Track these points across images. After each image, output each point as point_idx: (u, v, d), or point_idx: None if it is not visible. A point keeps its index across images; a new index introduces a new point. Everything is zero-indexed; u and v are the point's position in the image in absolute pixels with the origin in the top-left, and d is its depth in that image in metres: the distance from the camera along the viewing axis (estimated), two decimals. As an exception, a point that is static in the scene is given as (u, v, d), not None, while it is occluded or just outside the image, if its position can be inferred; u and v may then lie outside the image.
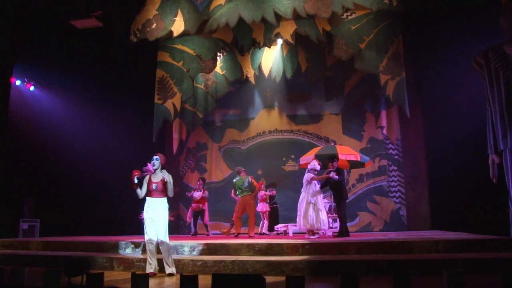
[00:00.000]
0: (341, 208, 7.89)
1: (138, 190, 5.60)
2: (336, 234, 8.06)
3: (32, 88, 10.86)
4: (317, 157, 8.84)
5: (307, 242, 6.37)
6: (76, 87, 10.86)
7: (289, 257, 5.99)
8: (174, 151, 12.69)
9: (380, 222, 11.54)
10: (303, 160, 9.62)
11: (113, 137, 11.29)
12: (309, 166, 8.17)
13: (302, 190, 7.93)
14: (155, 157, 5.60)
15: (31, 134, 10.25)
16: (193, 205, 10.13)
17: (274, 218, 10.47)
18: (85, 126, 11.07)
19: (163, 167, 5.66)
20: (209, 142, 13.35)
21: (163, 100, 11.57)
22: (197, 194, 10.06)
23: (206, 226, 10.38)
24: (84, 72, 10.77)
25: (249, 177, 9.17)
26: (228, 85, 12.09)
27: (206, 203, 10.29)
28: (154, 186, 5.50)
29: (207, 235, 10.25)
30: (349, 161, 9.36)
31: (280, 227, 10.00)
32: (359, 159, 9.31)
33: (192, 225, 10.29)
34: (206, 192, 10.32)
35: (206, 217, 10.36)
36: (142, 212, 5.46)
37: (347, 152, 9.53)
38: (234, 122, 13.28)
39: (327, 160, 8.49)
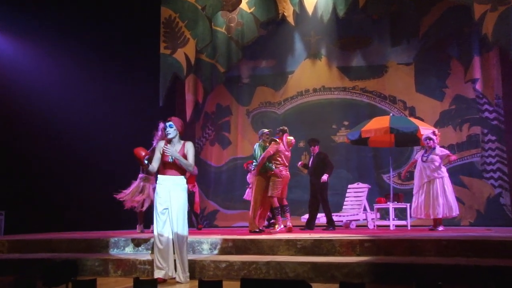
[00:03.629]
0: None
1: (151, 166, 5.61)
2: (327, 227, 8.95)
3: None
4: (392, 131, 9.17)
5: (367, 239, 6.33)
6: (53, 33, 10.72)
7: (342, 257, 5.98)
8: (188, 117, 12.72)
9: (470, 213, 11.29)
10: (366, 132, 9.59)
11: (105, 100, 11.32)
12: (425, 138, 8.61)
13: (430, 173, 8.30)
14: (168, 123, 5.58)
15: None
16: None
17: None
18: (67, 86, 11.02)
19: (181, 136, 5.65)
20: (234, 105, 13.35)
21: (171, 50, 11.54)
22: None
23: (196, 216, 10.24)
24: (64, 13, 10.69)
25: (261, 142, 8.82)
26: (259, 28, 11.93)
27: (196, 184, 10.14)
28: (170, 159, 5.46)
29: (199, 228, 10.19)
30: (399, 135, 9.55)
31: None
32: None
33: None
34: (196, 169, 10.12)
35: (197, 204, 10.19)
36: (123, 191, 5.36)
37: (427, 126, 9.68)
38: (266, 78, 13.19)
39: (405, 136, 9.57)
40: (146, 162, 5.56)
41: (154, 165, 5.60)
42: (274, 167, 8.41)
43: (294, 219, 9.08)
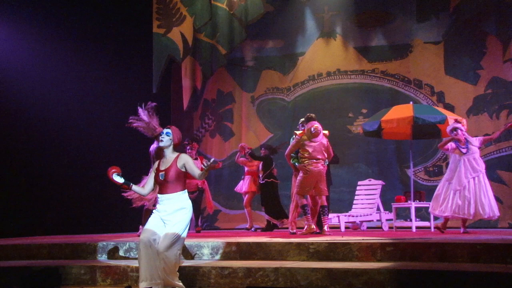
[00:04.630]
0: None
1: (136, 188, 5.62)
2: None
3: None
4: (417, 121, 9.16)
5: (389, 242, 6.33)
6: (29, 10, 10.72)
7: (361, 263, 5.96)
8: (185, 106, 12.72)
9: (510, 213, 11.25)
10: (387, 123, 9.54)
11: (90, 87, 11.34)
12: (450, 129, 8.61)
13: (476, 166, 8.34)
14: (165, 130, 5.56)
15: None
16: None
17: (270, 201, 10.31)
18: (47, 70, 11.01)
19: (176, 148, 5.60)
20: (237, 91, 13.36)
21: (166, 29, 11.52)
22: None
23: (195, 218, 10.26)
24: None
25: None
26: (265, 3, 11.96)
27: (206, 181, 10.21)
28: (161, 175, 5.46)
29: (198, 231, 10.23)
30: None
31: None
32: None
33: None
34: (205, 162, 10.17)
35: (210, 202, 10.28)
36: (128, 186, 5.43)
37: (453, 115, 9.62)
38: (273, 60, 13.19)
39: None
40: (118, 180, 5.47)
41: (147, 188, 5.61)
42: (297, 162, 8.50)
43: (301, 221, 9.10)
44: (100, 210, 10.55)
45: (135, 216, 8.93)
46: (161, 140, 5.51)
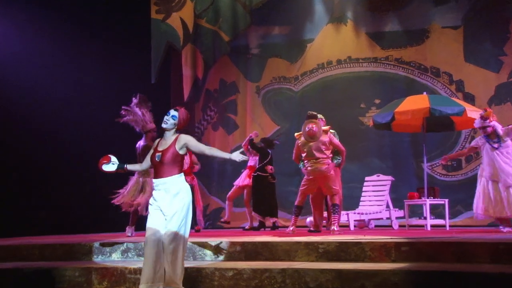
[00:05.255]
0: None
1: (131, 167, 5.87)
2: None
3: None
4: (434, 113, 9.16)
5: (404, 241, 6.30)
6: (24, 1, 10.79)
7: (374, 264, 5.96)
8: (186, 96, 12.75)
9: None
10: (401, 114, 9.51)
11: (86, 79, 11.36)
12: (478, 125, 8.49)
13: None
14: (172, 112, 5.59)
15: None
16: None
17: (258, 196, 10.33)
18: (40, 63, 11.05)
19: (179, 130, 5.66)
20: (241, 81, 13.38)
21: (165, 14, 11.54)
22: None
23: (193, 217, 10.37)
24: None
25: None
26: (271, -13, 12.02)
27: (195, 177, 10.25)
28: (157, 156, 5.48)
29: (198, 230, 10.24)
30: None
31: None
32: None
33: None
34: (195, 158, 10.21)
35: (199, 201, 10.32)
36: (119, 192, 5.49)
37: (471, 107, 9.63)
38: (280, 48, 13.20)
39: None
40: (110, 169, 5.69)
41: (144, 164, 5.81)
42: (301, 165, 8.68)
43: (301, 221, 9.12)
44: (95, 209, 10.55)
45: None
46: (165, 122, 5.56)
